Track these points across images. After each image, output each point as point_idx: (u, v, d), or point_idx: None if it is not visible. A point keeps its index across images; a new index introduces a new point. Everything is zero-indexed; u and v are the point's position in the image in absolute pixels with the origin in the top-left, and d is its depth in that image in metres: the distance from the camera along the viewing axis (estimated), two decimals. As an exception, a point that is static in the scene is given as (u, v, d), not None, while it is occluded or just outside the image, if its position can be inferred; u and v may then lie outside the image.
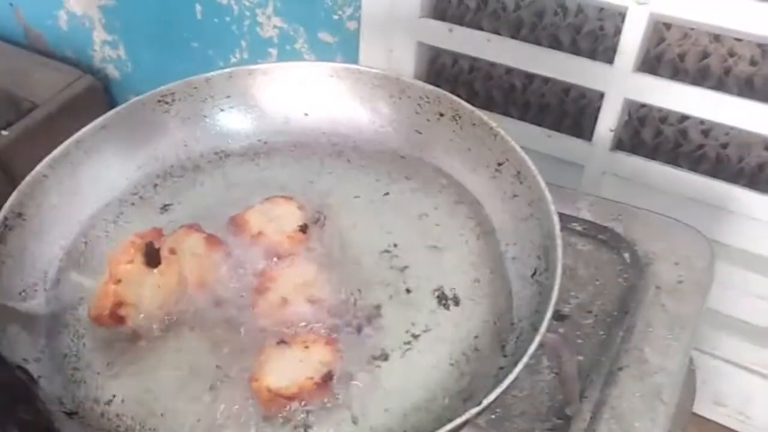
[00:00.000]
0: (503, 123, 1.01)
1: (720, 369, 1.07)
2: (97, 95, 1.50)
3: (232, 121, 0.75)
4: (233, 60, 1.34)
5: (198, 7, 1.30)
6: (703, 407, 1.12)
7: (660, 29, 0.92)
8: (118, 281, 0.57)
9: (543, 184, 0.61)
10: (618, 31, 0.91)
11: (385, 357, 0.57)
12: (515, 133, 0.97)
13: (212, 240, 0.63)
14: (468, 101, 0.70)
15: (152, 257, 0.58)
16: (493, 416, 0.64)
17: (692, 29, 0.90)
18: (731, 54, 0.90)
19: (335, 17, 1.16)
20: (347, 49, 1.18)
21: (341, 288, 0.61)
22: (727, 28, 0.85)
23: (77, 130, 0.69)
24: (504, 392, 0.50)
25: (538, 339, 0.51)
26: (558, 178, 1.01)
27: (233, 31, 1.29)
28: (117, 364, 0.57)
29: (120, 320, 0.57)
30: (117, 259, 0.58)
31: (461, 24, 1.02)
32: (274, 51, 1.28)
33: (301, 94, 0.76)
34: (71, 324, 0.61)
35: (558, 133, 1.01)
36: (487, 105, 1.07)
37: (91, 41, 1.50)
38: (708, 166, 0.98)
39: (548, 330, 0.60)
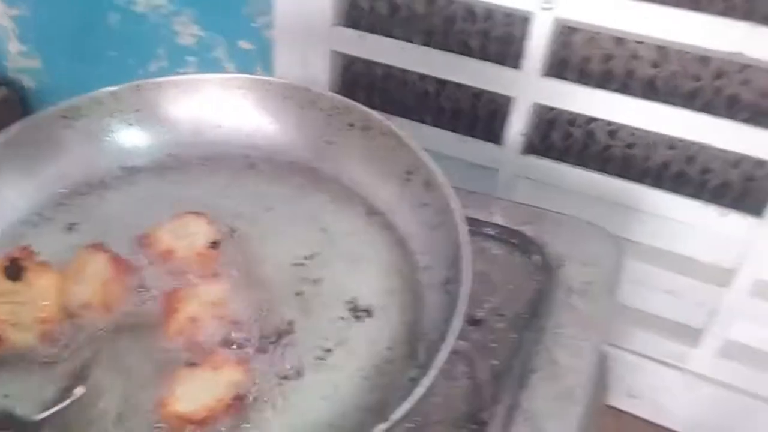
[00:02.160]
0: (418, 129, 1.04)
1: (633, 362, 1.10)
2: (13, 106, 1.46)
3: (141, 136, 0.74)
4: (152, 69, 1.31)
5: (114, 16, 1.27)
6: (618, 400, 1.15)
7: (565, 33, 0.94)
8: None
9: (450, 192, 0.62)
10: (525, 36, 0.93)
11: (297, 373, 0.57)
12: (430, 139, 0.99)
13: (117, 260, 0.62)
14: (383, 108, 0.71)
15: (14, 271, 0.57)
16: (412, 425, 0.64)
17: (596, 33, 0.93)
18: (634, 56, 0.93)
19: (254, 25, 1.16)
20: (267, 56, 1.17)
21: (253, 304, 0.60)
22: (628, 31, 0.88)
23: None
24: (419, 402, 0.50)
25: (446, 350, 0.51)
26: (474, 183, 1.02)
27: (151, 39, 1.27)
28: (12, 394, 0.55)
29: None
30: None
31: (374, 31, 1.02)
32: (193, 59, 1.27)
33: (212, 106, 0.75)
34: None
35: (471, 138, 1.02)
36: (403, 111, 1.08)
37: (5, 51, 1.45)
38: (616, 166, 1.00)
39: (463, 335, 0.61)
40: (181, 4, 1.21)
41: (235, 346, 0.57)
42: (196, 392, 0.53)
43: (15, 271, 0.57)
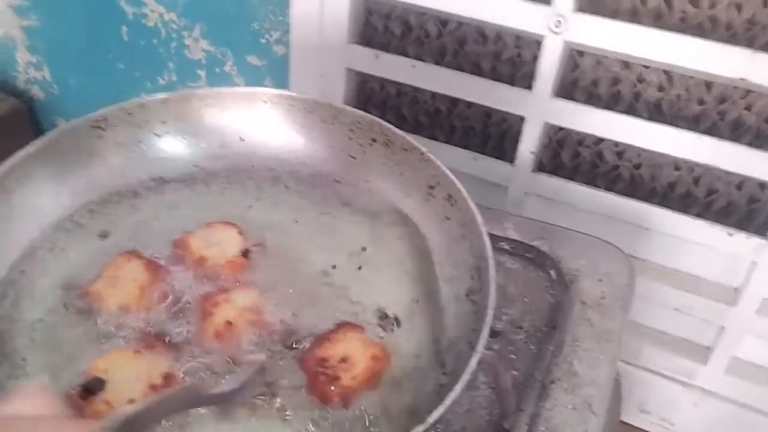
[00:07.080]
0: (430, 146, 1.04)
1: (644, 378, 1.13)
2: (22, 118, 1.47)
3: (169, 147, 0.76)
4: (161, 82, 1.33)
5: (124, 29, 1.29)
6: (629, 415, 1.18)
7: (574, 56, 0.97)
8: None
9: (473, 206, 0.64)
10: (535, 58, 0.96)
11: (329, 379, 0.58)
12: (441, 156, 1.01)
13: (152, 265, 0.63)
14: (396, 125, 0.72)
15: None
16: (435, 433, 0.66)
17: (604, 57, 0.95)
18: (640, 80, 0.96)
19: (262, 41, 1.18)
20: (276, 72, 1.20)
21: (283, 311, 0.62)
22: (635, 56, 0.91)
23: (2, 153, 0.67)
24: (448, 408, 0.52)
25: (476, 357, 0.53)
26: (483, 199, 1.04)
27: (161, 53, 1.29)
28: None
29: None
30: None
31: (387, 50, 1.04)
32: (202, 73, 1.29)
33: (236, 119, 0.77)
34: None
35: (482, 156, 1.04)
36: (415, 129, 1.10)
37: (14, 62, 1.47)
38: (623, 185, 1.03)
39: (484, 346, 0.63)
40: (192, 19, 1.23)
41: (268, 351, 0.58)
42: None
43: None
